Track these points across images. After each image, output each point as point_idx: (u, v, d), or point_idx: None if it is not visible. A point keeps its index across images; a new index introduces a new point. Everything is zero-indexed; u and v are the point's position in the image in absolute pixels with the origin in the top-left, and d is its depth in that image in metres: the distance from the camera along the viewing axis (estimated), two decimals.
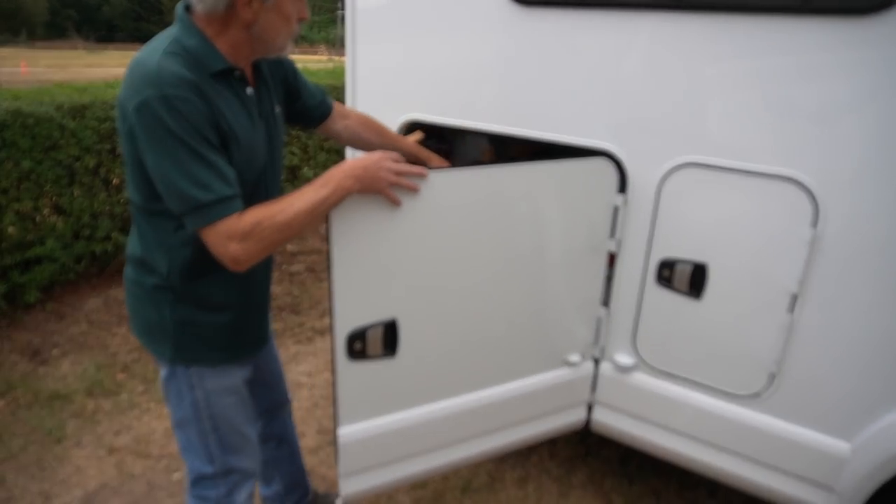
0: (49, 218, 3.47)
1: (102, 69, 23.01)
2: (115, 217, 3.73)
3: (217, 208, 1.24)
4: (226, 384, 1.54)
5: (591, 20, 1.78)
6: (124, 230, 3.82)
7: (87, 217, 3.55)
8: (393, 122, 2.24)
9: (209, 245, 1.29)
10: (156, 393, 2.96)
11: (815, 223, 1.57)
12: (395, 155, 1.44)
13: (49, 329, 3.45)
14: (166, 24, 1.44)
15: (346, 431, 1.66)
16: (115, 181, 3.71)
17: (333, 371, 1.59)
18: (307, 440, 2.67)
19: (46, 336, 3.39)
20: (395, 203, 1.47)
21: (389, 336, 1.62)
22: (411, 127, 2.20)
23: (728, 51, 1.61)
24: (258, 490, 2.00)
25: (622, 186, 1.82)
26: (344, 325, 1.55)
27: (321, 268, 4.50)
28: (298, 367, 3.25)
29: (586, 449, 2.66)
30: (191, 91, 1.22)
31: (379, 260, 1.55)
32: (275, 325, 3.66)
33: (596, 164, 1.81)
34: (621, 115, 1.79)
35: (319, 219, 1.37)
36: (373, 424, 1.70)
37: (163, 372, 1.51)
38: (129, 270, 1.49)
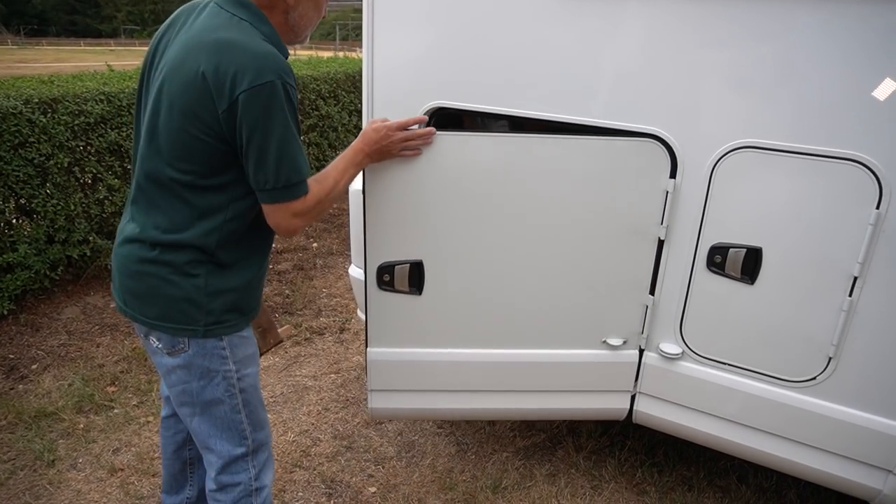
0: (20, 221, 3.21)
1: (39, 65, 21.84)
2: (91, 219, 3.48)
3: (301, 187, 1.34)
4: (250, 352, 1.55)
5: (639, 1, 1.71)
6: (101, 232, 3.58)
7: (62, 220, 3.30)
8: (416, 108, 2.12)
9: (274, 217, 1.37)
10: (153, 405, 2.77)
11: (878, 204, 1.55)
12: (395, 123, 1.61)
13: (25, 342, 3.19)
14: (103, 18, 1.41)
15: (374, 352, 1.96)
16: (90, 180, 3.45)
17: (366, 298, 1.89)
18: (323, 446, 2.55)
19: (22, 350, 3.14)
20: (414, 155, 1.70)
21: (416, 275, 1.85)
22: (436, 113, 2.09)
23: (786, 30, 1.57)
24: (161, 498, 1.96)
25: (673, 171, 1.77)
26: (374, 258, 1.85)
27: (310, 265, 4.34)
28: (301, 370, 3.11)
29: (611, 440, 2.62)
30: (294, 79, 1.32)
31: (409, 206, 1.79)
32: None
33: (646, 146, 1.75)
34: (672, 98, 1.72)
35: None
36: (400, 352, 1.96)
37: (184, 357, 1.44)
38: (145, 253, 1.40)
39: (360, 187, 2.39)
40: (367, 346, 1.94)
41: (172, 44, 1.35)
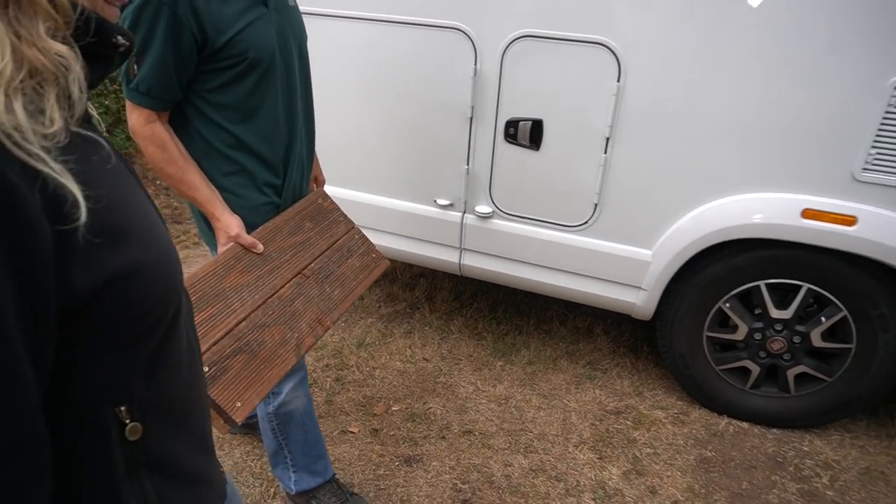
0: None
1: None
2: None
3: (133, 95, 1.40)
4: None
5: None
6: None
7: None
8: None
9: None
10: None
11: (618, 78, 2.00)
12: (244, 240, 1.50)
13: None
14: None
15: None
16: None
17: None
18: None
19: None
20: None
21: None
22: None
23: None
24: None
25: (475, 59, 2.15)
26: None
27: None
28: (189, 269, 3.39)
29: (461, 303, 3.11)
30: (179, 3, 1.32)
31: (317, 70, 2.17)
32: None
33: (451, 36, 2.13)
34: None
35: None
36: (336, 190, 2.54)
37: None
38: None
39: None
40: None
41: None
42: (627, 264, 2.24)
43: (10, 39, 0.49)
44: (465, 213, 2.41)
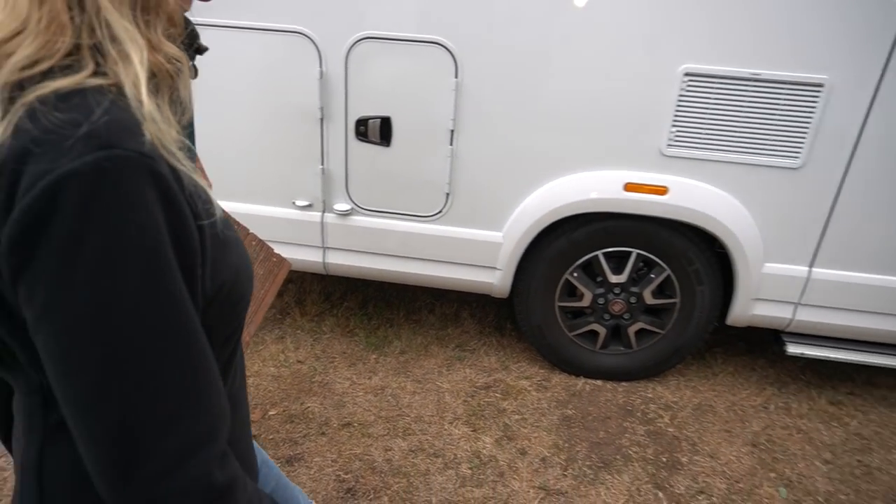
0: None
1: None
2: None
3: None
4: None
5: None
6: None
7: None
8: None
9: None
10: None
11: (456, 75, 2.15)
12: None
13: None
14: None
15: None
16: None
17: None
18: None
19: None
20: None
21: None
22: None
23: None
24: None
25: (319, 61, 2.20)
26: None
27: None
28: None
29: (332, 304, 3.14)
30: None
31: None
32: None
33: (294, 40, 2.17)
34: (309, 1, 2.14)
35: None
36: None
37: None
38: None
39: None
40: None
41: None
42: (481, 247, 2.40)
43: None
44: (324, 211, 2.45)
